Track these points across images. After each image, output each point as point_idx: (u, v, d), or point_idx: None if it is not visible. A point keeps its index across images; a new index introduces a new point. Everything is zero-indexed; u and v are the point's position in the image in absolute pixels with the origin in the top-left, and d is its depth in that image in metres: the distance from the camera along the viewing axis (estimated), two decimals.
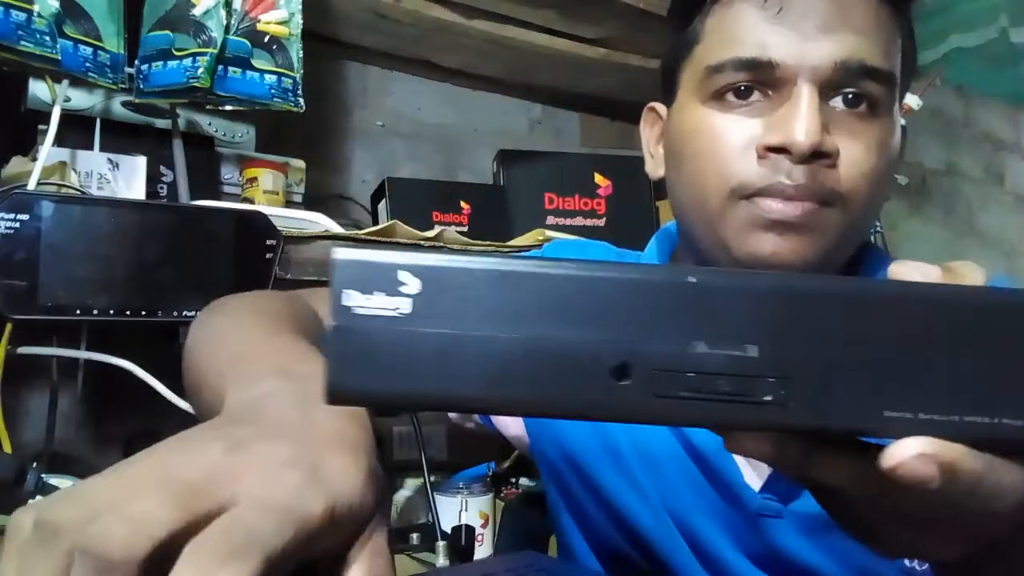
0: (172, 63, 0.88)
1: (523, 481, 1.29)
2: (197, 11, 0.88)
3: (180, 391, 0.86)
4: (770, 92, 0.53)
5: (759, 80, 0.53)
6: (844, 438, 0.28)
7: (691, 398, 0.24)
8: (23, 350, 0.82)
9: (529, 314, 0.23)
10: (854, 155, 0.52)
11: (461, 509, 1.14)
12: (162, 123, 1.01)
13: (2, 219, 0.73)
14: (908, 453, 0.25)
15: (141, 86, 0.90)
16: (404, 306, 0.23)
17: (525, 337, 0.23)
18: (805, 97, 0.51)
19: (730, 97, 0.54)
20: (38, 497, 0.57)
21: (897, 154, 0.56)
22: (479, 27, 1.29)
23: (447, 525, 0.74)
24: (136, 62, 0.90)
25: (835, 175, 0.51)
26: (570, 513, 0.66)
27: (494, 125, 1.57)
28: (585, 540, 0.65)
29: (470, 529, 0.75)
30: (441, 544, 0.70)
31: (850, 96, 0.52)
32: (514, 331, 0.23)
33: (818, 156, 0.50)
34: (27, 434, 1.02)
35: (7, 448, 0.80)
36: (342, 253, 0.23)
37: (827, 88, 0.52)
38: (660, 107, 0.64)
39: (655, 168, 0.63)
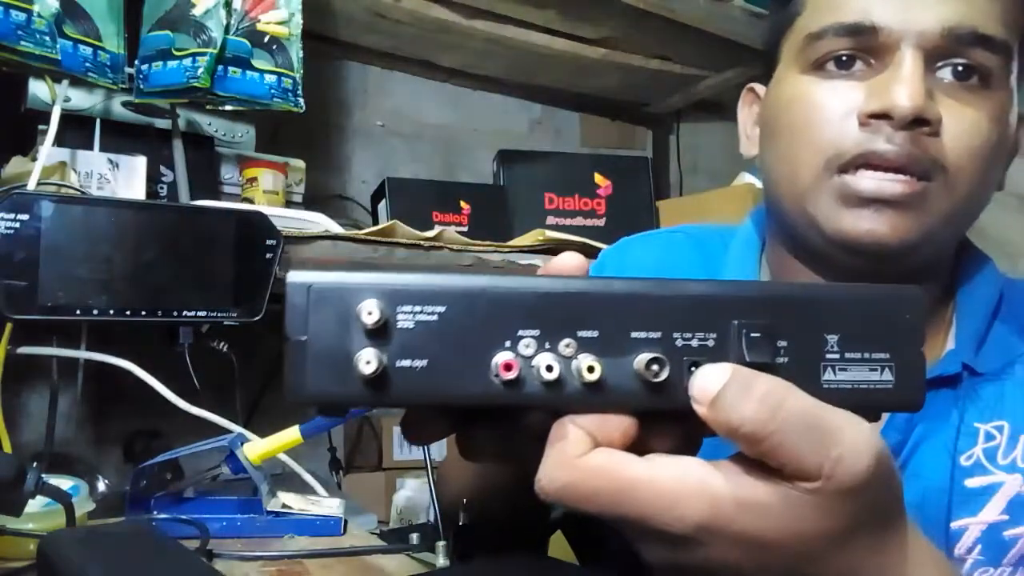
0: (172, 63, 0.88)
1: None
2: (197, 11, 0.88)
3: (180, 391, 0.86)
4: (872, 61, 0.50)
5: (861, 48, 0.50)
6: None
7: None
8: (23, 350, 0.82)
9: None
10: (961, 126, 0.48)
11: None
12: (162, 123, 1.01)
13: (2, 219, 0.73)
14: None
15: (141, 86, 0.90)
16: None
17: None
18: (909, 61, 0.48)
19: (831, 67, 0.51)
20: (38, 497, 0.56)
21: (1012, 134, 0.52)
22: (479, 27, 1.29)
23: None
24: (136, 62, 0.90)
25: (938, 145, 0.48)
26: None
27: (494, 125, 1.57)
28: None
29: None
30: (441, 544, 0.70)
31: (960, 68, 0.49)
32: None
33: (920, 123, 0.47)
34: (27, 434, 1.02)
35: (7, 448, 0.80)
36: None
37: (934, 56, 0.49)
38: (759, 87, 0.62)
39: (749, 148, 0.61)
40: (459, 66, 1.48)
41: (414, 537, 0.75)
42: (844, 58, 0.51)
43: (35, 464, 0.69)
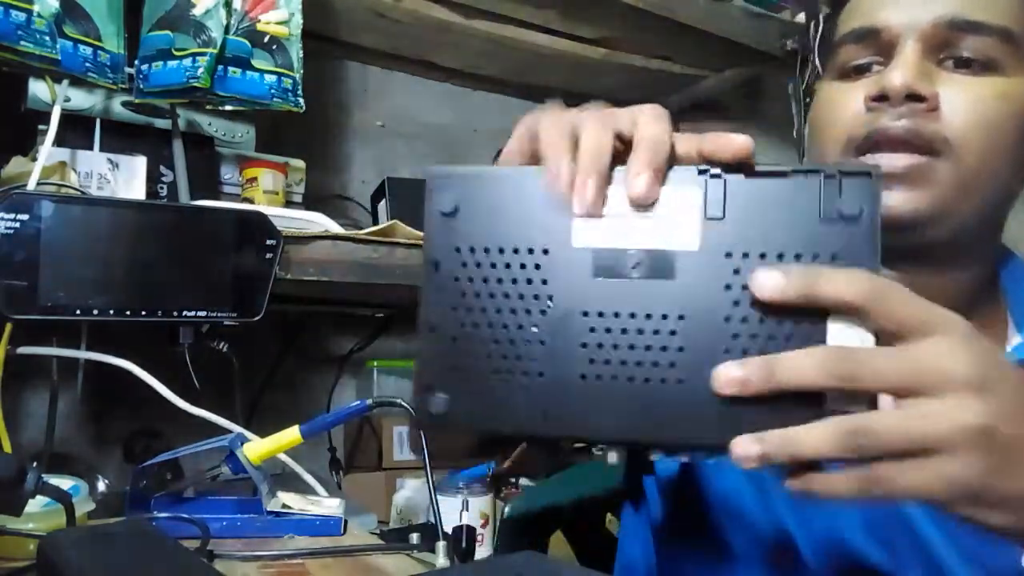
0: (172, 63, 0.88)
1: (523, 481, 1.29)
2: (197, 11, 0.88)
3: (180, 391, 0.86)
4: (885, 60, 0.56)
5: (874, 51, 0.57)
6: None
7: None
8: (23, 350, 0.82)
9: None
10: (960, 100, 0.53)
11: (462, 509, 1.14)
12: (162, 123, 1.01)
13: (2, 219, 0.73)
14: None
15: (141, 86, 0.90)
16: None
17: None
18: (904, 49, 0.54)
19: (853, 73, 0.58)
20: (38, 497, 0.56)
21: None
22: (479, 27, 1.28)
23: (447, 525, 0.73)
24: (136, 62, 0.90)
25: (939, 120, 0.53)
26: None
27: (494, 125, 1.57)
28: None
29: (470, 529, 0.75)
30: (441, 544, 0.70)
31: (961, 56, 0.54)
32: None
33: (915, 99, 0.52)
34: (27, 434, 1.02)
35: (7, 448, 0.80)
36: None
37: (935, 47, 0.54)
38: None
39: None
40: (459, 66, 1.48)
41: (414, 537, 0.75)
42: (864, 64, 0.57)
43: (35, 464, 0.69)
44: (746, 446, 0.33)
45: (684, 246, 0.35)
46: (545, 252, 0.36)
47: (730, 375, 0.34)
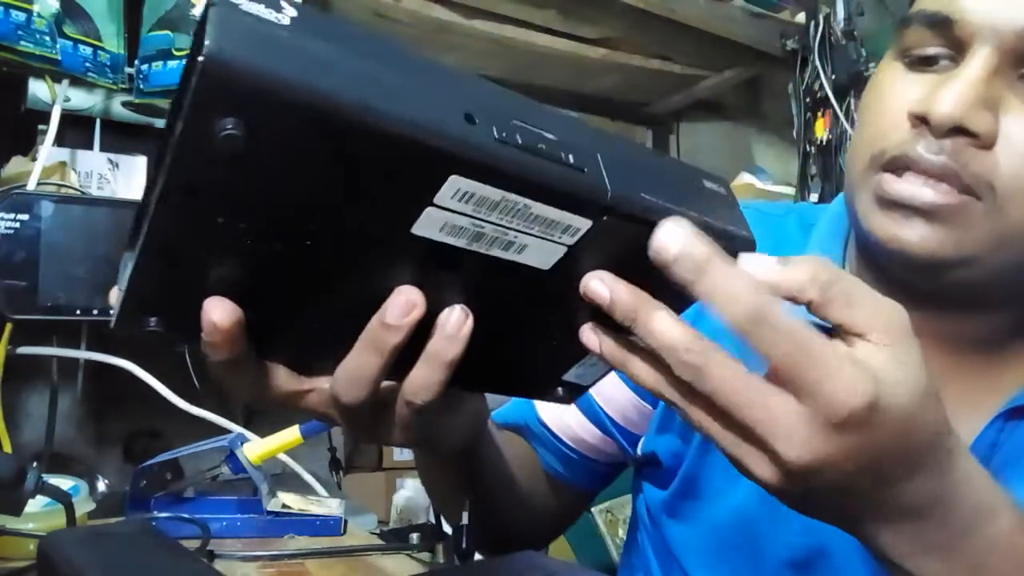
0: (172, 63, 0.88)
1: None
2: (197, 11, 0.88)
3: (180, 391, 0.86)
4: (957, 57, 0.46)
5: (944, 41, 0.46)
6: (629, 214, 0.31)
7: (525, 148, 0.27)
8: (23, 350, 0.82)
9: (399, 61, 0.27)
10: (1022, 144, 0.43)
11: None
12: (162, 123, 1.01)
13: (2, 219, 0.73)
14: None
15: (141, 86, 0.90)
16: (283, 20, 0.24)
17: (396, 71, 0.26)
18: (975, 61, 0.43)
19: (918, 61, 0.47)
20: (38, 497, 0.56)
21: None
22: (479, 27, 1.29)
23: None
24: (136, 62, 0.90)
25: (988, 160, 0.43)
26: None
27: None
28: None
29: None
30: (441, 544, 0.70)
31: None
32: (385, 65, 0.25)
33: (961, 133, 0.43)
34: (27, 434, 1.01)
35: (7, 448, 0.80)
36: None
37: (1014, 60, 0.44)
38: None
39: None
40: (459, 66, 1.48)
41: (414, 537, 0.75)
42: (932, 53, 0.47)
43: (35, 464, 0.69)
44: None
45: (537, 264, 0.31)
46: (375, 238, 0.28)
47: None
